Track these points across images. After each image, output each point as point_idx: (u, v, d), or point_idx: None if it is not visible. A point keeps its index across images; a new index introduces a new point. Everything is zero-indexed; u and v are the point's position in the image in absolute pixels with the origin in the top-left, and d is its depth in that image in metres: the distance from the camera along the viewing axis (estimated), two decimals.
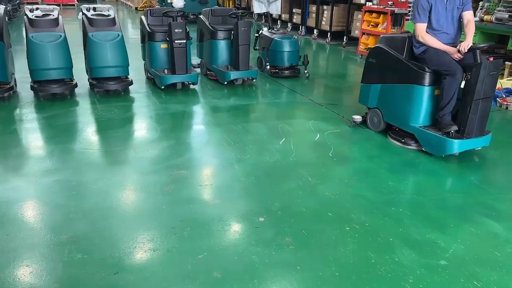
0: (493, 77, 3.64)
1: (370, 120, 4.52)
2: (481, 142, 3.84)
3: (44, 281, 2.23)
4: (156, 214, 2.89)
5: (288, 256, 2.49)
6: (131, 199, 3.14)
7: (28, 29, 4.93)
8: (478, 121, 3.70)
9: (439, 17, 3.85)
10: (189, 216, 2.87)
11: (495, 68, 3.61)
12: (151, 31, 5.65)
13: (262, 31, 6.81)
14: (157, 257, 2.46)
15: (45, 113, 4.77)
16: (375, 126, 4.47)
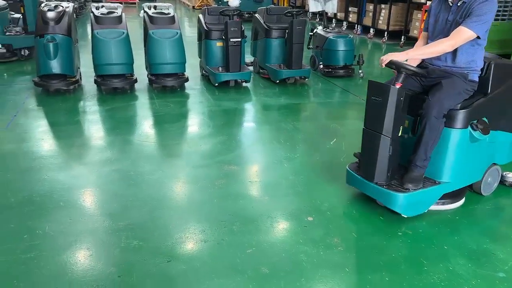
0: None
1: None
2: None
3: (102, 264, 2.37)
4: (207, 207, 2.97)
5: (337, 257, 2.48)
6: (184, 191, 3.25)
7: (94, 26, 5.21)
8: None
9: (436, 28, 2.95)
10: (238, 210, 2.93)
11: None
12: (208, 29, 5.79)
13: (317, 29, 6.76)
14: (207, 248, 2.53)
15: (107, 106, 5.03)
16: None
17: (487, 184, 3.13)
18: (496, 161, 3.12)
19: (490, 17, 2.67)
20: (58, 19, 5.14)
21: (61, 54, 5.08)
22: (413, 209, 2.81)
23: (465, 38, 2.66)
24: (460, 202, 3.03)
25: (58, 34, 5.08)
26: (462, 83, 2.78)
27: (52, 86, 5.21)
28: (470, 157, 2.88)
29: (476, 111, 2.79)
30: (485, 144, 2.91)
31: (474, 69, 2.82)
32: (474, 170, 2.99)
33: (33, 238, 2.54)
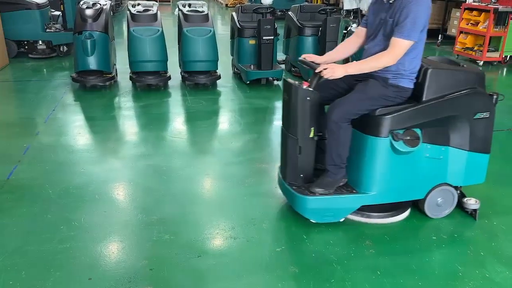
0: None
1: None
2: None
3: (135, 257, 2.42)
4: (237, 204, 2.98)
5: (368, 260, 2.43)
6: (214, 187, 3.27)
7: (130, 23, 5.32)
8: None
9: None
10: (268, 209, 2.92)
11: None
12: (241, 27, 5.80)
13: (351, 27, 6.65)
14: (237, 245, 2.54)
15: (141, 102, 5.13)
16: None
17: (435, 205, 2.77)
18: (449, 181, 2.73)
19: (424, 17, 2.42)
20: (96, 16, 5.28)
21: (98, 51, 5.22)
22: (321, 215, 2.66)
23: (404, 49, 2.42)
24: (398, 217, 2.78)
25: (95, 31, 5.22)
26: (379, 87, 2.52)
27: (89, 82, 5.36)
28: (400, 170, 2.61)
29: (400, 119, 2.50)
30: (423, 158, 2.61)
31: (400, 73, 2.51)
32: (409, 186, 2.68)
33: (69, 229, 2.62)
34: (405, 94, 2.58)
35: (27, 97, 5.26)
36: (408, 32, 2.40)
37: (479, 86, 2.65)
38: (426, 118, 2.56)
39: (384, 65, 2.47)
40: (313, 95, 2.53)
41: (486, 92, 2.68)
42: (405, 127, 2.54)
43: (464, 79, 2.61)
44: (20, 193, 3.02)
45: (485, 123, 2.68)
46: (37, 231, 2.60)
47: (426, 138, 2.59)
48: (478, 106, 2.63)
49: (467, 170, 2.74)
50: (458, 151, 2.69)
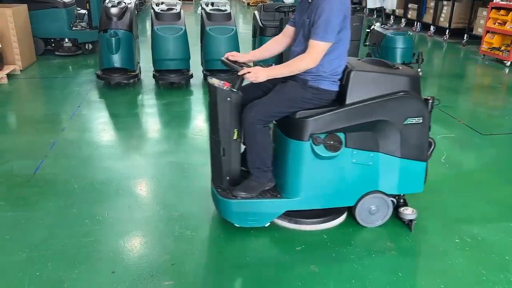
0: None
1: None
2: None
3: (157, 251, 2.45)
4: None
5: (389, 262, 2.41)
6: None
7: (154, 22, 5.39)
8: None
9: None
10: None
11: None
12: (263, 25, 5.80)
13: (374, 26, 6.57)
14: (259, 242, 2.55)
15: (164, 100, 5.19)
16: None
17: (367, 213, 2.65)
18: (381, 189, 2.61)
19: (338, 17, 2.28)
20: (120, 15, 5.36)
21: (122, 49, 5.31)
22: (244, 219, 2.57)
23: (321, 50, 2.31)
24: (328, 224, 2.67)
25: (120, 29, 5.31)
26: (298, 89, 2.43)
27: (113, 79, 5.46)
28: (326, 175, 2.51)
29: (321, 123, 2.40)
30: (349, 164, 2.50)
31: (320, 75, 2.40)
32: (337, 192, 2.58)
33: (93, 223, 2.68)
34: (327, 97, 2.46)
35: (53, 93, 5.39)
36: (323, 34, 2.28)
37: (412, 90, 2.48)
38: (349, 122, 2.42)
39: (304, 68, 2.37)
40: (234, 95, 2.43)
41: (418, 97, 2.49)
42: (327, 131, 2.42)
43: (392, 82, 2.45)
44: (46, 187, 3.10)
45: (417, 129, 2.49)
46: (63, 224, 2.67)
47: (351, 143, 2.47)
48: (408, 111, 2.46)
49: (401, 178, 2.57)
50: (389, 157, 2.53)
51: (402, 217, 2.68)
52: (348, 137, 2.46)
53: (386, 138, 2.50)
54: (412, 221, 2.65)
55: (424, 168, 2.63)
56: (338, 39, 2.34)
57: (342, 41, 2.38)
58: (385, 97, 2.43)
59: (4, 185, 3.10)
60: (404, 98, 2.45)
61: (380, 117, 2.44)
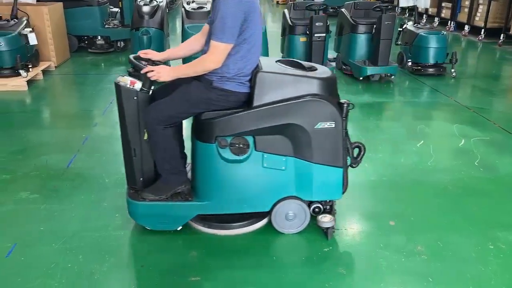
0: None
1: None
2: None
3: (184, 247, 2.48)
4: None
5: (420, 266, 2.35)
6: None
7: (185, 20, 5.45)
8: None
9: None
10: None
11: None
12: (292, 24, 5.77)
13: (407, 25, 6.44)
14: (284, 242, 2.54)
15: None
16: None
17: (283, 219, 2.54)
18: (298, 195, 2.50)
19: (235, 16, 2.16)
20: (152, 13, 5.45)
21: (153, 47, 5.37)
22: (155, 222, 2.52)
23: (220, 51, 2.22)
24: (242, 230, 2.58)
25: (151, 27, 5.40)
26: (202, 90, 2.35)
27: None
28: (237, 179, 2.44)
29: (227, 125, 2.33)
30: (261, 168, 2.41)
31: (224, 76, 2.32)
32: (251, 197, 2.50)
33: (123, 217, 2.71)
34: (235, 98, 2.37)
35: (86, 89, 5.53)
36: (220, 34, 2.19)
37: (325, 93, 2.35)
38: (257, 125, 2.32)
39: (207, 69, 2.28)
40: (141, 95, 2.36)
41: (329, 100, 2.35)
42: (234, 134, 2.35)
43: (301, 85, 2.33)
44: (78, 181, 3.19)
45: (330, 134, 2.37)
46: (94, 217, 2.73)
47: (261, 146, 2.38)
48: (318, 115, 2.33)
49: (317, 184, 2.45)
50: (302, 162, 2.41)
51: (320, 225, 2.52)
52: (257, 141, 2.37)
53: (298, 143, 2.39)
54: (329, 229, 2.51)
55: (341, 174, 2.48)
56: (242, 39, 2.26)
57: (248, 41, 2.28)
58: (293, 100, 2.31)
59: (38, 178, 3.20)
60: (313, 101, 2.31)
61: (289, 121, 2.33)
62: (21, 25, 5.59)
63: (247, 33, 2.26)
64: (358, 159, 2.56)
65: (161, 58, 2.51)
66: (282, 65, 2.47)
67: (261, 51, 2.45)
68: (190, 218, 2.55)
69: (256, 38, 2.33)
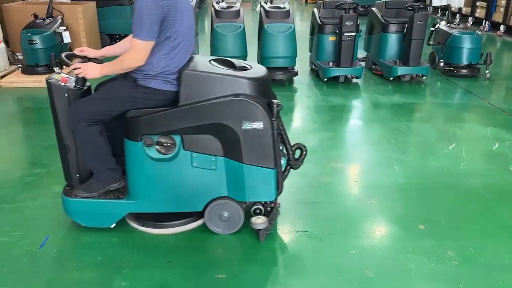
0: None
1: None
2: None
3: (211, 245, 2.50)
4: (311, 202, 2.95)
5: (450, 271, 2.29)
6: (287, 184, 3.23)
7: (214, 20, 5.49)
8: None
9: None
10: (343, 210, 2.86)
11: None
12: (322, 23, 5.73)
13: (439, 25, 6.29)
14: (310, 243, 2.52)
15: None
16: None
17: (217, 219, 2.51)
18: (231, 195, 2.47)
19: (152, 12, 2.13)
20: None
21: None
22: (88, 219, 2.52)
23: (140, 49, 2.19)
24: (172, 229, 2.56)
25: None
26: (127, 88, 2.34)
27: None
28: (166, 178, 2.42)
29: (152, 123, 2.32)
30: (190, 168, 2.38)
31: (148, 73, 2.30)
32: (182, 197, 2.47)
33: None
34: (163, 97, 2.34)
35: None
36: (138, 32, 2.17)
37: (254, 93, 2.30)
38: (183, 124, 2.31)
39: (130, 66, 2.27)
40: (72, 92, 2.37)
41: (258, 100, 2.29)
42: (160, 132, 2.32)
43: (227, 85, 2.29)
44: None
45: (259, 135, 2.31)
46: None
47: (190, 146, 2.35)
48: (245, 115, 2.28)
49: (249, 185, 2.40)
50: (233, 163, 2.37)
51: (253, 227, 2.47)
52: (185, 140, 2.35)
53: (227, 143, 2.36)
54: (261, 231, 2.47)
55: (273, 175, 2.42)
56: (164, 37, 2.24)
57: (172, 39, 2.26)
58: (218, 100, 2.28)
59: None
60: (238, 101, 2.27)
61: (215, 120, 2.30)
62: (56, 23, 5.77)
63: (169, 31, 2.24)
64: (299, 161, 2.53)
65: (98, 56, 2.52)
66: (213, 64, 2.44)
67: (193, 49, 2.45)
68: (121, 216, 2.56)
69: (182, 36, 2.31)
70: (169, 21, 2.21)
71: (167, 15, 2.19)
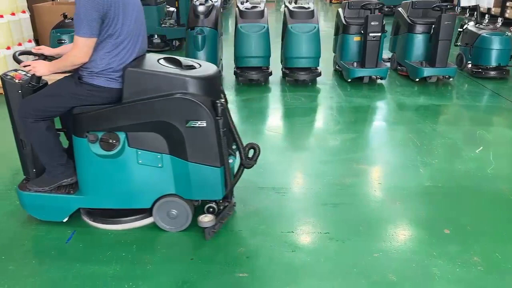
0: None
1: None
2: None
3: (233, 243, 2.51)
4: (333, 203, 2.93)
5: (476, 277, 2.24)
6: (309, 184, 3.23)
7: (238, 20, 5.51)
8: None
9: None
10: (366, 212, 2.83)
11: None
12: (346, 23, 5.68)
13: (468, 25, 6.15)
14: (332, 245, 2.50)
15: (243, 96, 5.30)
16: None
17: (166, 216, 2.53)
18: (178, 193, 2.48)
19: (89, 9, 2.16)
20: (207, 13, 5.55)
21: (207, 46, 5.48)
22: (41, 212, 2.60)
23: (81, 46, 2.24)
24: (123, 225, 2.60)
25: (206, 27, 5.49)
26: (71, 85, 2.38)
27: None
28: (112, 175, 2.45)
29: (95, 120, 2.36)
30: (136, 165, 2.41)
31: (92, 71, 2.34)
32: (129, 193, 2.50)
33: None
34: (108, 95, 2.37)
35: None
36: (78, 29, 2.21)
37: (198, 92, 2.31)
38: (127, 121, 2.34)
39: (74, 63, 2.31)
40: (25, 89, 2.42)
41: (201, 99, 2.30)
42: (105, 129, 2.35)
43: (170, 83, 2.30)
44: None
45: (202, 133, 2.32)
46: None
47: (135, 143, 2.38)
48: (187, 113, 2.29)
49: (195, 183, 2.41)
50: (179, 161, 2.38)
51: (199, 225, 2.48)
52: (130, 137, 2.38)
53: (172, 141, 2.38)
54: (207, 229, 2.48)
55: (220, 174, 2.42)
56: (106, 34, 2.28)
57: (114, 37, 2.30)
58: (160, 98, 2.30)
59: None
60: (180, 100, 2.28)
61: (158, 118, 2.33)
62: None
63: (111, 29, 2.28)
64: (252, 160, 2.53)
65: (54, 53, 2.59)
66: (160, 63, 2.45)
67: (142, 48, 2.49)
68: (72, 210, 2.62)
69: (126, 35, 2.34)
70: (109, 19, 2.26)
71: (107, 13, 2.24)
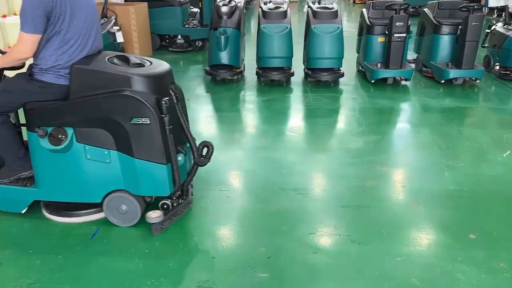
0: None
1: None
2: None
3: (254, 243, 2.52)
4: (355, 206, 2.91)
5: (502, 284, 2.18)
6: (332, 186, 3.21)
7: (261, 20, 5.52)
8: None
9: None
10: (389, 215, 2.80)
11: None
12: (370, 24, 5.62)
13: (496, 26, 6.00)
14: (354, 247, 2.48)
15: (264, 97, 5.30)
16: None
17: (116, 211, 2.60)
18: (127, 189, 2.54)
19: (34, 8, 2.21)
20: (230, 13, 5.59)
21: (230, 46, 5.52)
22: (0, 204, 2.72)
23: (25, 42, 2.29)
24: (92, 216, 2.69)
25: (229, 27, 5.53)
26: (22, 82, 2.45)
27: (219, 75, 5.71)
28: (62, 169, 2.54)
29: (44, 115, 2.45)
30: (84, 160, 2.48)
31: (42, 67, 2.40)
32: (80, 187, 2.58)
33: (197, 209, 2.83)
34: (57, 91, 2.44)
35: None
36: (22, 24, 2.26)
37: (144, 90, 2.35)
38: (74, 117, 2.44)
39: (18, 58, 2.38)
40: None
41: (144, 96, 2.33)
42: (54, 124, 2.44)
43: (114, 80, 2.35)
44: None
45: (146, 130, 2.36)
46: None
47: (83, 138, 2.46)
48: (130, 110, 2.34)
49: (142, 179, 2.48)
50: (125, 157, 2.45)
51: (147, 220, 2.53)
52: (78, 133, 2.46)
53: (118, 137, 2.44)
54: (154, 225, 2.53)
55: (166, 171, 2.46)
56: (53, 31, 2.33)
57: (62, 34, 2.35)
58: (104, 95, 2.36)
59: None
60: (123, 97, 2.34)
61: (102, 114, 2.40)
62: (110, 23, 6.01)
63: (58, 26, 2.33)
64: (205, 158, 2.60)
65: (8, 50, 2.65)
66: (109, 60, 2.50)
67: (94, 45, 2.53)
68: (29, 202, 2.71)
69: (75, 32, 2.39)
70: (55, 16, 2.31)
71: (52, 11, 2.28)
